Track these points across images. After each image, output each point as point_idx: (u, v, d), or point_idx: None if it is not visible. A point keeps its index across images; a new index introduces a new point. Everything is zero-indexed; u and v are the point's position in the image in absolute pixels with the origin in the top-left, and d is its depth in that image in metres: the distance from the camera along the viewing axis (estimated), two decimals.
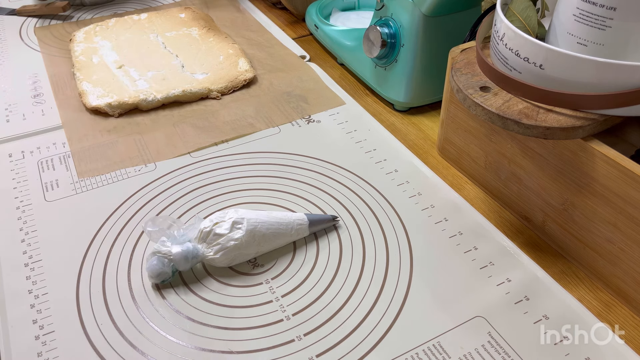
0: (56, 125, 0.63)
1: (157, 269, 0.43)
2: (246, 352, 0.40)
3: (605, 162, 0.40)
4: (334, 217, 0.50)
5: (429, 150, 0.61)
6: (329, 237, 0.49)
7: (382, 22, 0.63)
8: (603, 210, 0.42)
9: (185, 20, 0.84)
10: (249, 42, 0.81)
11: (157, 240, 0.44)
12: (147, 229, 0.44)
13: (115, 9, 0.92)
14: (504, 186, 0.52)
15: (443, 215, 0.51)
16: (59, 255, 0.47)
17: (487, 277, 0.45)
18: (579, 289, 0.45)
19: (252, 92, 0.70)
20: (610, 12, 0.40)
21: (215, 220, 0.45)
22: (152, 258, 0.44)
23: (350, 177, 0.56)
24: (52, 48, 0.79)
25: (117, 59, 0.73)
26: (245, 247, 0.45)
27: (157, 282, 0.45)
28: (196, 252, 0.44)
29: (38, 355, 0.40)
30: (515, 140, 0.48)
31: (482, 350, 0.40)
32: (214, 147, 0.60)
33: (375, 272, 0.46)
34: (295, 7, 0.88)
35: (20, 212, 0.52)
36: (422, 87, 0.64)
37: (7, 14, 0.90)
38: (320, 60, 0.78)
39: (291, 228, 0.47)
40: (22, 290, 0.44)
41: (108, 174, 0.56)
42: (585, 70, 0.40)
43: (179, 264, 0.44)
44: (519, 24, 0.46)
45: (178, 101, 0.67)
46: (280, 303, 0.44)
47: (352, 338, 0.41)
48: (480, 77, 0.47)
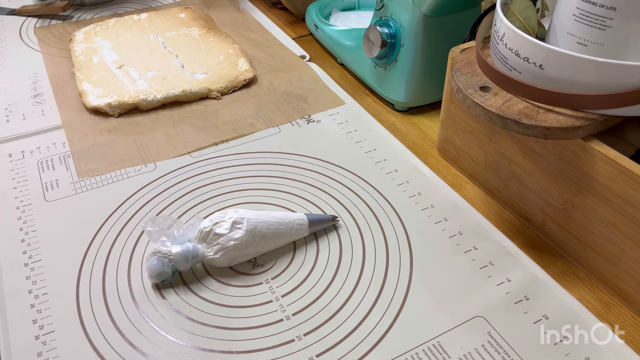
0: (56, 125, 0.63)
1: (157, 269, 0.43)
2: (246, 352, 0.40)
3: (605, 162, 0.40)
4: (334, 217, 0.50)
5: (429, 150, 0.61)
6: (329, 237, 0.49)
7: (382, 22, 0.63)
8: (603, 210, 0.42)
9: (185, 20, 0.84)
10: (249, 42, 0.81)
11: (157, 240, 0.44)
12: (147, 229, 0.44)
13: (115, 9, 0.92)
14: (504, 186, 0.52)
15: (443, 215, 0.51)
16: (59, 255, 0.47)
17: (487, 277, 0.45)
18: (579, 289, 0.45)
19: (252, 92, 0.70)
20: (610, 12, 0.40)
21: (215, 220, 0.45)
22: (152, 258, 0.44)
23: (350, 177, 0.56)
24: (52, 48, 0.79)
25: (117, 59, 0.73)
26: (245, 247, 0.45)
27: (157, 282, 0.45)
28: (196, 252, 0.44)
29: (38, 355, 0.40)
30: (515, 140, 0.48)
31: (482, 350, 0.40)
32: (214, 147, 0.60)
33: (375, 272, 0.46)
34: (295, 7, 0.88)
35: (20, 212, 0.52)
36: (422, 87, 0.64)
37: (7, 14, 0.90)
38: (320, 60, 0.78)
39: (291, 228, 0.47)
40: (22, 290, 0.44)
41: (108, 174, 0.56)
42: (585, 70, 0.40)
43: (179, 264, 0.44)
44: (519, 24, 0.46)
45: (178, 101, 0.67)
46: (280, 303, 0.44)
47: (352, 338, 0.41)
48: (480, 77, 0.47)
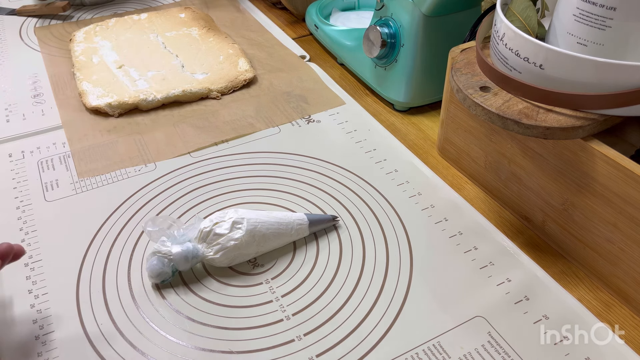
0: (56, 125, 0.63)
1: (157, 269, 0.43)
2: (246, 352, 0.40)
3: (605, 162, 0.40)
4: (334, 217, 0.50)
5: (429, 150, 0.61)
6: (329, 237, 0.49)
7: (382, 22, 0.63)
8: (603, 210, 0.42)
9: (185, 20, 0.84)
10: (249, 42, 0.81)
11: (157, 240, 0.44)
12: (147, 229, 0.44)
13: (115, 9, 0.92)
14: (504, 186, 0.52)
15: (443, 215, 0.51)
16: (59, 255, 0.47)
17: (487, 277, 0.45)
18: (579, 289, 0.45)
19: (252, 92, 0.70)
20: (610, 12, 0.40)
21: (215, 220, 0.45)
22: (152, 258, 0.44)
23: (350, 177, 0.56)
24: (52, 48, 0.79)
25: (117, 59, 0.73)
26: (245, 247, 0.45)
27: (157, 282, 0.45)
28: (196, 252, 0.44)
29: (38, 355, 0.40)
30: (515, 140, 0.48)
31: (482, 350, 0.40)
32: (214, 147, 0.60)
33: (375, 272, 0.46)
34: (295, 7, 0.88)
35: (20, 212, 0.52)
36: (422, 87, 0.64)
37: (7, 14, 0.90)
38: (320, 60, 0.78)
39: (291, 228, 0.47)
40: (22, 290, 0.44)
41: (108, 174, 0.56)
42: (585, 70, 0.40)
43: (179, 264, 0.44)
44: (519, 24, 0.46)
45: (178, 101, 0.67)
46: (280, 303, 0.44)
47: (352, 338, 0.41)
48: (480, 77, 0.47)
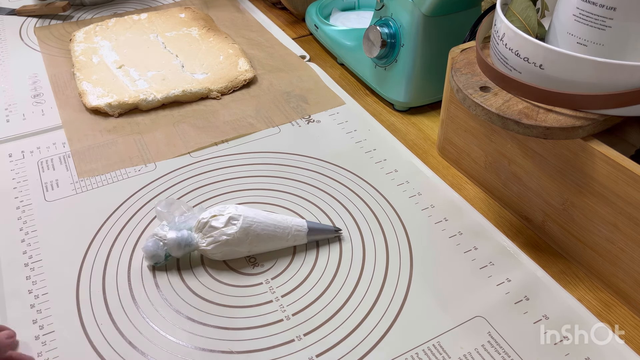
0: (56, 125, 0.63)
1: (152, 251, 0.45)
2: (246, 352, 0.40)
3: (605, 162, 0.40)
4: (337, 229, 0.49)
5: (429, 150, 0.61)
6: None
7: (382, 22, 0.63)
8: (603, 210, 0.42)
9: (185, 20, 0.84)
10: (249, 42, 0.81)
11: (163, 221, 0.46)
12: (157, 208, 0.46)
13: (115, 9, 0.92)
14: (504, 186, 0.52)
15: (443, 215, 0.51)
16: (59, 255, 0.47)
17: (487, 277, 0.45)
18: (579, 288, 0.45)
19: (252, 92, 0.70)
20: (610, 12, 0.40)
21: (214, 212, 0.45)
22: (150, 239, 0.45)
23: (350, 177, 0.56)
24: (52, 48, 0.79)
25: (117, 59, 0.73)
26: (236, 244, 0.45)
27: (151, 264, 0.46)
28: (190, 240, 0.45)
29: (38, 355, 0.40)
30: (515, 140, 0.48)
31: (482, 350, 0.40)
32: (214, 147, 0.60)
33: (375, 272, 0.46)
34: (295, 7, 0.88)
35: (20, 212, 0.52)
36: (422, 87, 0.64)
37: (7, 14, 0.90)
38: (320, 60, 0.78)
39: (288, 233, 0.47)
40: (22, 290, 0.44)
41: (108, 174, 0.56)
42: (585, 70, 0.40)
43: (171, 249, 0.44)
44: (519, 24, 0.46)
45: (178, 101, 0.67)
46: (280, 303, 0.44)
47: (352, 338, 0.41)
48: (480, 77, 0.47)
